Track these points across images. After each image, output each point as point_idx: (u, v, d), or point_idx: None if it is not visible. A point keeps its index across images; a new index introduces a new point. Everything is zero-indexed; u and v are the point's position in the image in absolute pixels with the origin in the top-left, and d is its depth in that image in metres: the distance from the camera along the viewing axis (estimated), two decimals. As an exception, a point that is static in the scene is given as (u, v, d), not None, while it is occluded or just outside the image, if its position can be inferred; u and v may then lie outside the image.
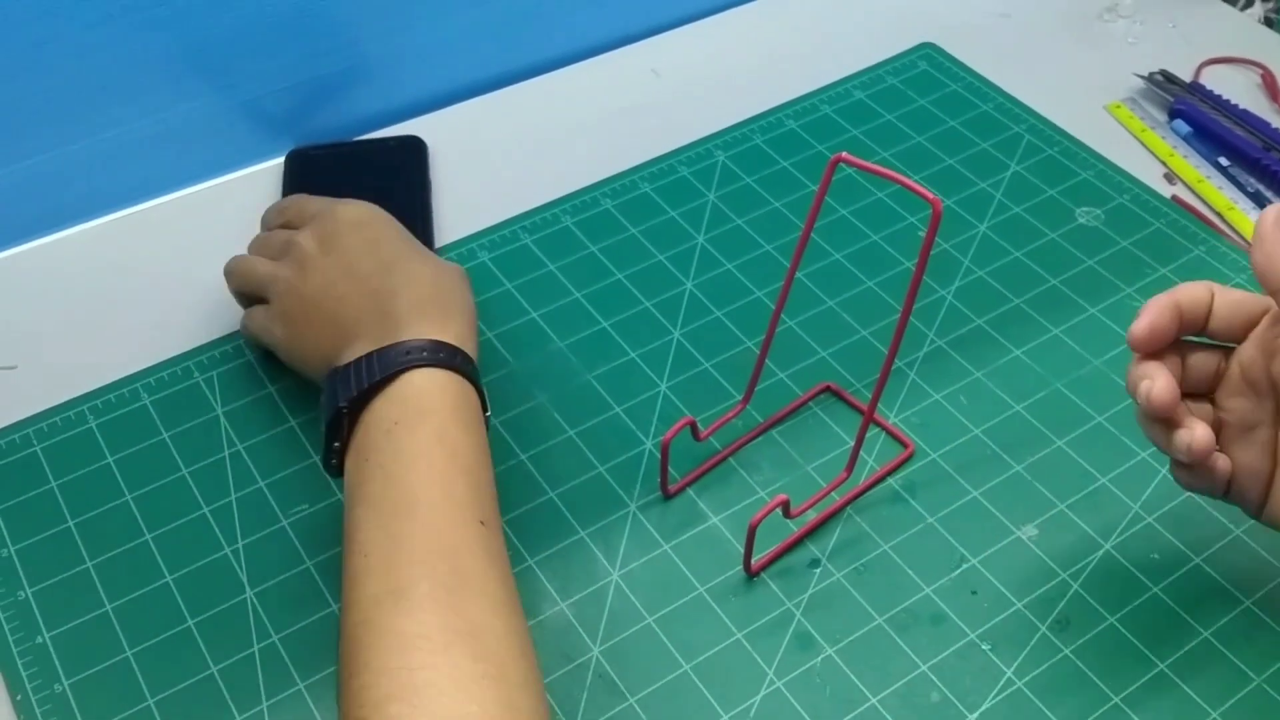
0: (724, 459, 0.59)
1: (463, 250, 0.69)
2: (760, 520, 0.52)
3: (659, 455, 0.57)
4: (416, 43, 0.78)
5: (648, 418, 0.61)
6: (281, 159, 0.75)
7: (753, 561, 0.54)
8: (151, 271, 0.69)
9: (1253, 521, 0.55)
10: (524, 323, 0.65)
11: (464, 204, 0.72)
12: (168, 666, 0.52)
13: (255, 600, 0.54)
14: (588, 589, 0.54)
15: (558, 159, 0.76)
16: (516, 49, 0.82)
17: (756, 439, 0.60)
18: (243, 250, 0.64)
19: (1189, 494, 0.57)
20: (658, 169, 0.75)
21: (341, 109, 0.77)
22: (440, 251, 0.69)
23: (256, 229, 0.71)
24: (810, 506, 0.56)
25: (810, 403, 0.61)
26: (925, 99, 0.79)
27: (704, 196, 0.73)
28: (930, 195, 0.49)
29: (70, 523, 0.57)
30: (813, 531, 0.56)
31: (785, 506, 0.53)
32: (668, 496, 0.57)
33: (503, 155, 0.76)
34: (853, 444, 0.56)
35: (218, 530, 0.56)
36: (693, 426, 0.56)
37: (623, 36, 0.85)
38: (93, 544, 0.56)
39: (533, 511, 0.57)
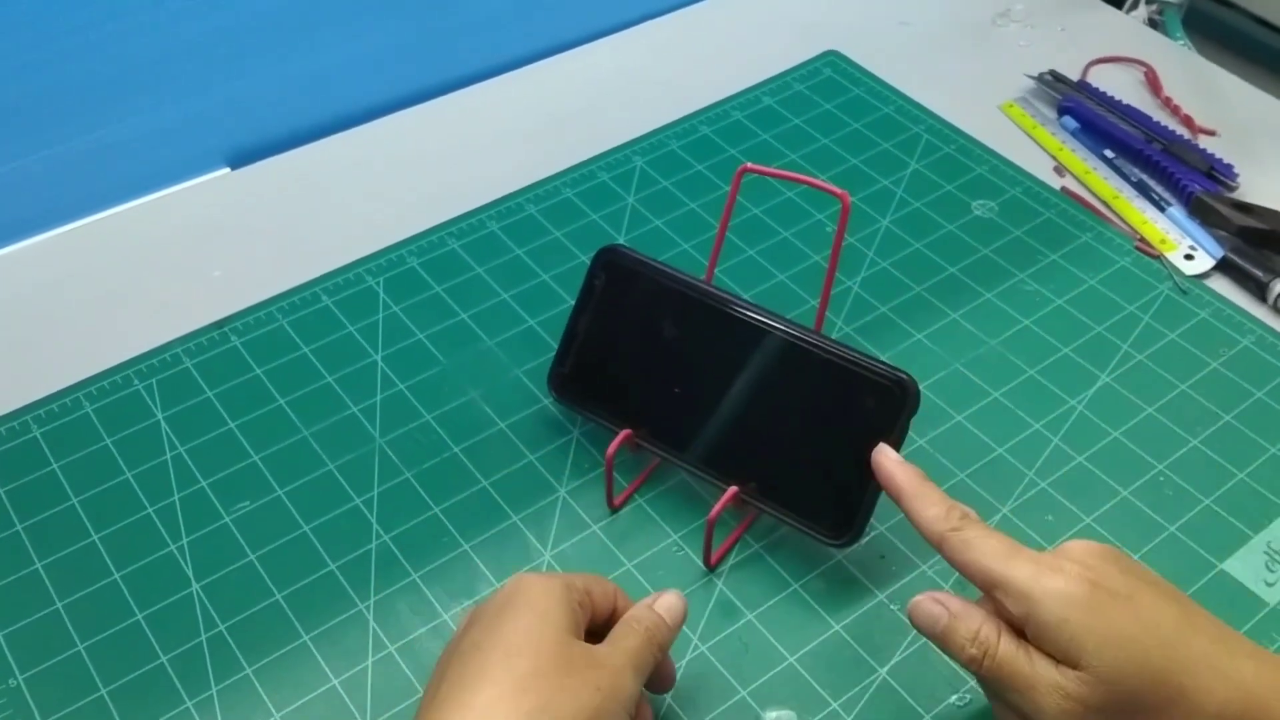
0: (658, 464, 0.61)
1: (393, 256, 0.72)
2: (718, 514, 0.55)
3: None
4: (345, 57, 0.80)
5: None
6: (219, 172, 0.78)
7: (710, 555, 0.57)
8: (90, 284, 0.71)
9: (1140, 484, 0.60)
10: (454, 323, 0.68)
11: (393, 211, 0.75)
12: (119, 658, 0.54)
13: (201, 593, 0.56)
14: (521, 569, 0.57)
15: (483, 166, 0.79)
16: (441, 63, 0.85)
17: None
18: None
19: (1079, 460, 0.61)
20: (579, 174, 0.78)
21: (275, 123, 0.80)
22: (372, 258, 0.72)
23: (193, 242, 0.74)
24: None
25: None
26: (830, 103, 0.83)
27: (624, 200, 0.76)
28: (837, 190, 0.54)
29: (19, 526, 0.58)
30: (756, 519, 0.59)
31: (737, 498, 0.56)
32: (614, 510, 0.60)
33: (431, 163, 0.79)
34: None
35: (162, 529, 0.58)
36: (631, 439, 0.58)
37: (544, 49, 0.88)
38: (41, 546, 0.58)
39: (467, 500, 0.60)
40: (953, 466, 0.61)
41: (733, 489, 0.56)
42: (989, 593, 0.46)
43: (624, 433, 0.58)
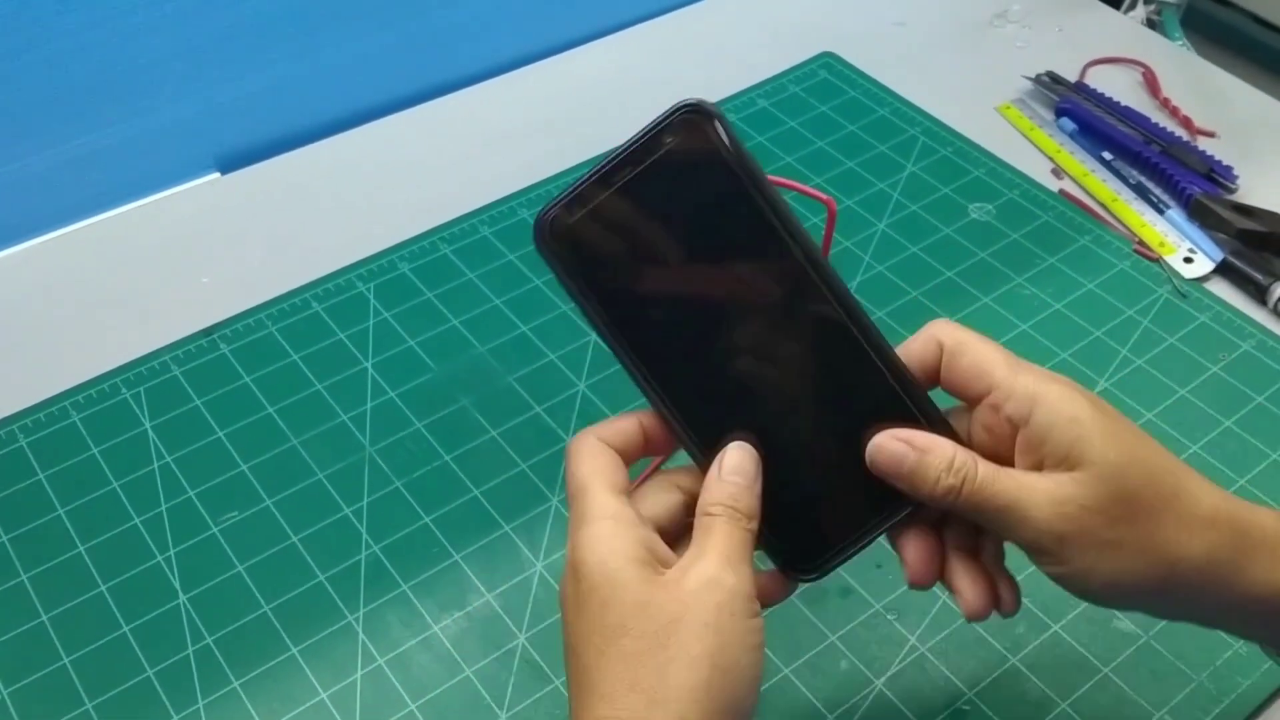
0: (655, 468, 0.60)
1: (383, 261, 0.71)
2: None
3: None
4: (337, 61, 0.80)
5: (567, 416, 0.63)
6: (208, 177, 0.77)
7: None
8: (78, 291, 0.70)
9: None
10: (445, 330, 0.68)
11: (384, 216, 0.74)
12: (105, 671, 0.53)
13: (188, 604, 0.55)
14: (512, 580, 0.56)
15: (475, 171, 0.78)
16: (432, 67, 0.84)
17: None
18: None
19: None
20: (573, 178, 0.77)
21: (265, 127, 0.79)
22: (363, 264, 0.71)
23: (182, 247, 0.73)
24: None
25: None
26: (825, 105, 0.82)
27: (617, 204, 0.75)
28: (823, 196, 0.49)
29: (4, 538, 0.58)
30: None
31: None
32: None
33: (422, 168, 0.79)
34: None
35: (149, 539, 0.58)
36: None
37: (536, 52, 0.87)
38: (27, 558, 0.57)
39: (458, 509, 0.59)
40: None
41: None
42: (982, 400, 0.42)
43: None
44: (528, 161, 0.78)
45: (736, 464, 0.43)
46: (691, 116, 0.43)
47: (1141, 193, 0.76)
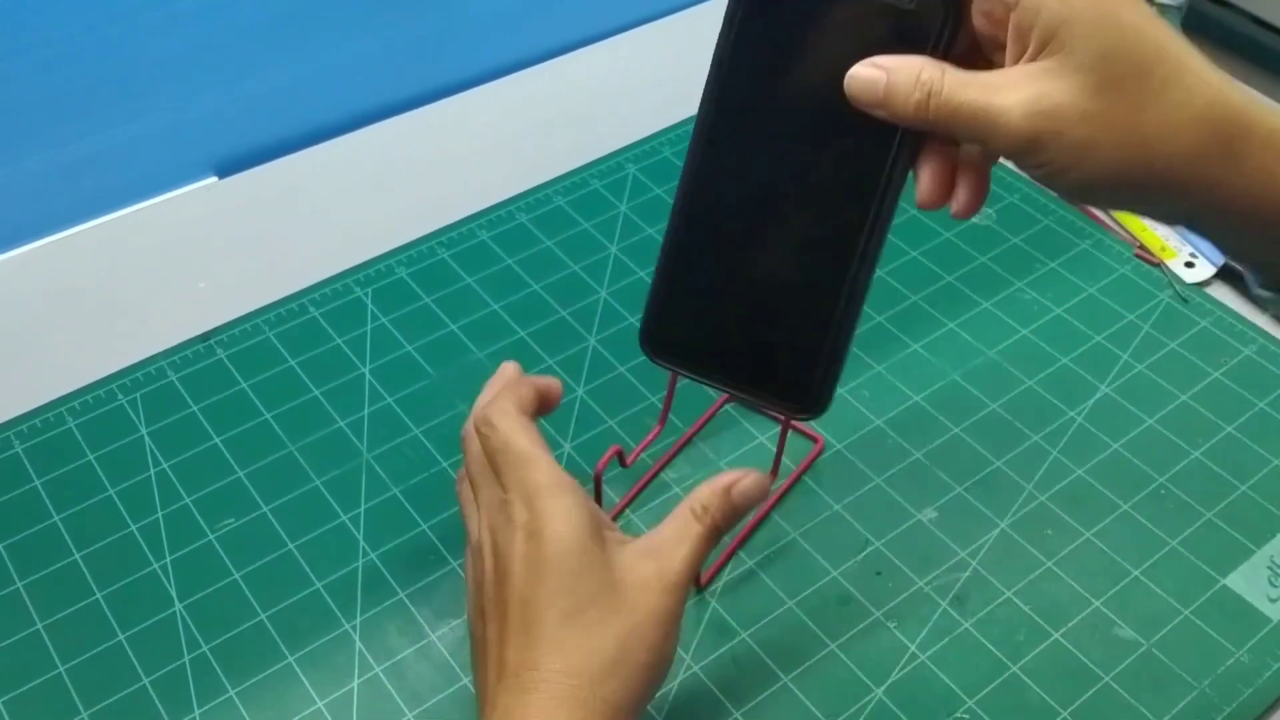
0: (653, 476, 0.60)
1: (381, 266, 0.71)
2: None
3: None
4: (334, 64, 0.79)
5: (566, 422, 0.63)
6: (205, 181, 0.77)
7: (701, 574, 0.56)
8: (74, 297, 0.70)
9: (1141, 497, 0.59)
10: (444, 335, 0.67)
11: (382, 221, 0.74)
12: (101, 680, 0.53)
13: (184, 612, 0.55)
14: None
15: (473, 174, 0.78)
16: (431, 70, 0.84)
17: (680, 451, 0.62)
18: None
19: (1079, 473, 0.60)
20: (571, 182, 0.77)
21: (262, 131, 0.79)
22: (361, 268, 0.71)
23: (179, 252, 0.73)
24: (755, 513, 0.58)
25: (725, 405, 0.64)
26: (826, 108, 0.82)
27: (616, 208, 0.75)
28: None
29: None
30: (748, 536, 0.58)
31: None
32: None
33: (420, 172, 0.78)
34: (775, 448, 0.58)
35: (145, 547, 0.57)
36: (619, 454, 0.55)
37: (534, 56, 0.87)
38: (22, 565, 0.57)
39: (455, 517, 0.58)
40: (950, 480, 0.60)
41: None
42: None
43: (613, 448, 0.57)
44: (526, 165, 0.78)
45: (749, 492, 0.46)
46: (932, 8, 0.41)
47: (1142, 197, 0.75)
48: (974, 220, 0.74)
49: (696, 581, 0.56)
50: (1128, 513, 0.59)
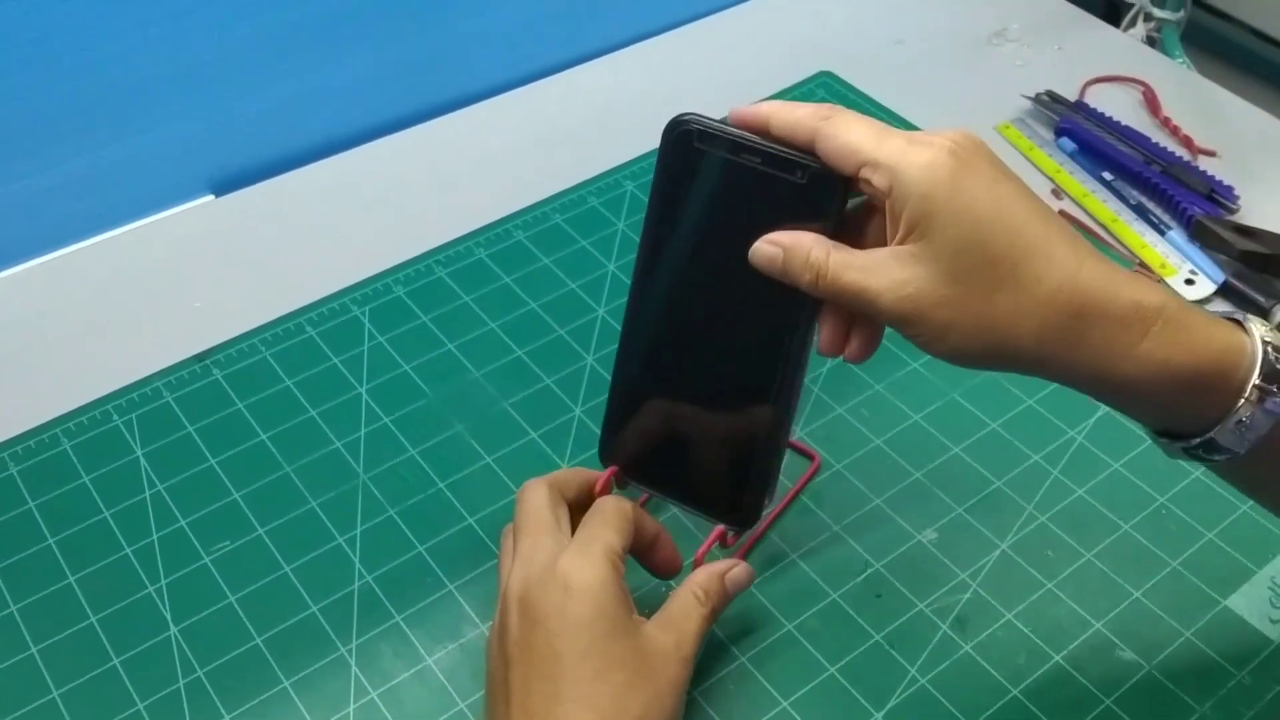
0: (650, 498, 0.60)
1: (378, 285, 0.71)
2: (704, 553, 0.53)
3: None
4: (331, 82, 0.79)
5: (563, 441, 0.63)
6: (202, 199, 0.77)
7: None
8: (69, 316, 0.70)
9: (1141, 517, 0.59)
10: (440, 354, 0.67)
11: (379, 239, 0.74)
12: (94, 705, 0.52)
13: (179, 636, 0.55)
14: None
15: (470, 192, 0.77)
16: (427, 87, 0.84)
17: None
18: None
19: (1079, 493, 0.60)
20: (568, 200, 0.77)
21: (259, 149, 0.79)
22: (357, 287, 0.71)
23: (174, 271, 0.73)
24: (748, 535, 0.58)
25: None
26: (824, 125, 0.82)
27: (614, 225, 0.75)
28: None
29: (-8, 569, 0.57)
30: (746, 554, 0.58)
31: (723, 537, 0.54)
32: None
33: (417, 189, 0.78)
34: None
35: (140, 569, 0.57)
36: (616, 475, 0.55)
37: (531, 73, 0.87)
38: (16, 589, 0.56)
39: (452, 538, 0.58)
40: (950, 500, 0.60)
41: (719, 528, 0.54)
42: (858, 177, 0.44)
43: (610, 469, 0.56)
44: (523, 183, 0.78)
45: (739, 580, 0.52)
46: (827, 183, 0.47)
47: (1142, 213, 0.75)
48: (973, 237, 0.74)
49: None
50: (1128, 533, 0.58)
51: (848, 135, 0.44)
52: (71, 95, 0.70)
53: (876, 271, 0.44)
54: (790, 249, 0.46)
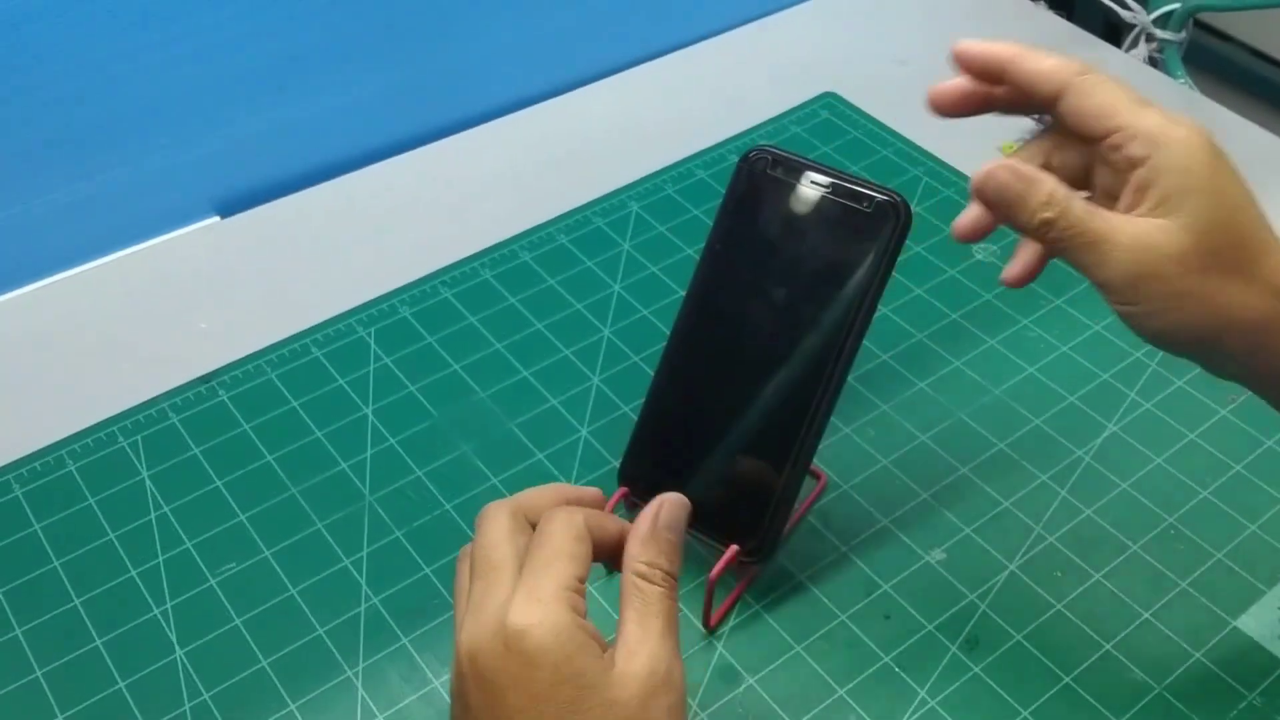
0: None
1: (384, 306, 0.71)
2: (719, 574, 0.53)
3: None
4: (336, 104, 0.80)
5: (570, 462, 0.62)
6: (207, 221, 0.77)
7: (709, 617, 0.55)
8: (75, 338, 0.70)
9: (1149, 537, 0.59)
10: (446, 375, 0.67)
11: (385, 260, 0.74)
12: (99, 729, 0.52)
13: (185, 659, 0.54)
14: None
15: (476, 213, 0.78)
16: (432, 109, 0.84)
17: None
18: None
19: (1087, 514, 0.60)
20: (573, 220, 0.77)
21: (264, 170, 0.79)
22: (363, 308, 0.71)
23: (180, 293, 0.73)
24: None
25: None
26: (828, 146, 0.82)
27: (619, 246, 0.75)
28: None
29: (-3, 591, 0.57)
30: (757, 575, 0.58)
31: (736, 557, 0.54)
32: (610, 571, 0.57)
33: (423, 211, 0.78)
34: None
35: (146, 592, 0.57)
36: (626, 496, 0.56)
37: (536, 94, 0.87)
38: (21, 611, 0.56)
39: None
40: (958, 521, 0.59)
41: (733, 548, 0.54)
42: (1108, 138, 0.44)
43: (620, 490, 0.56)
44: (528, 204, 0.78)
45: (672, 519, 0.44)
46: (897, 212, 0.52)
47: (1146, 232, 0.75)
48: (979, 257, 0.74)
49: (706, 624, 0.55)
50: (1137, 553, 0.58)
51: (1105, 95, 0.44)
52: (78, 118, 0.70)
53: (1121, 229, 0.43)
54: (1033, 181, 0.44)
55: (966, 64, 0.49)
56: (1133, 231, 0.43)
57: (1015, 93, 0.48)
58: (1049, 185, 0.44)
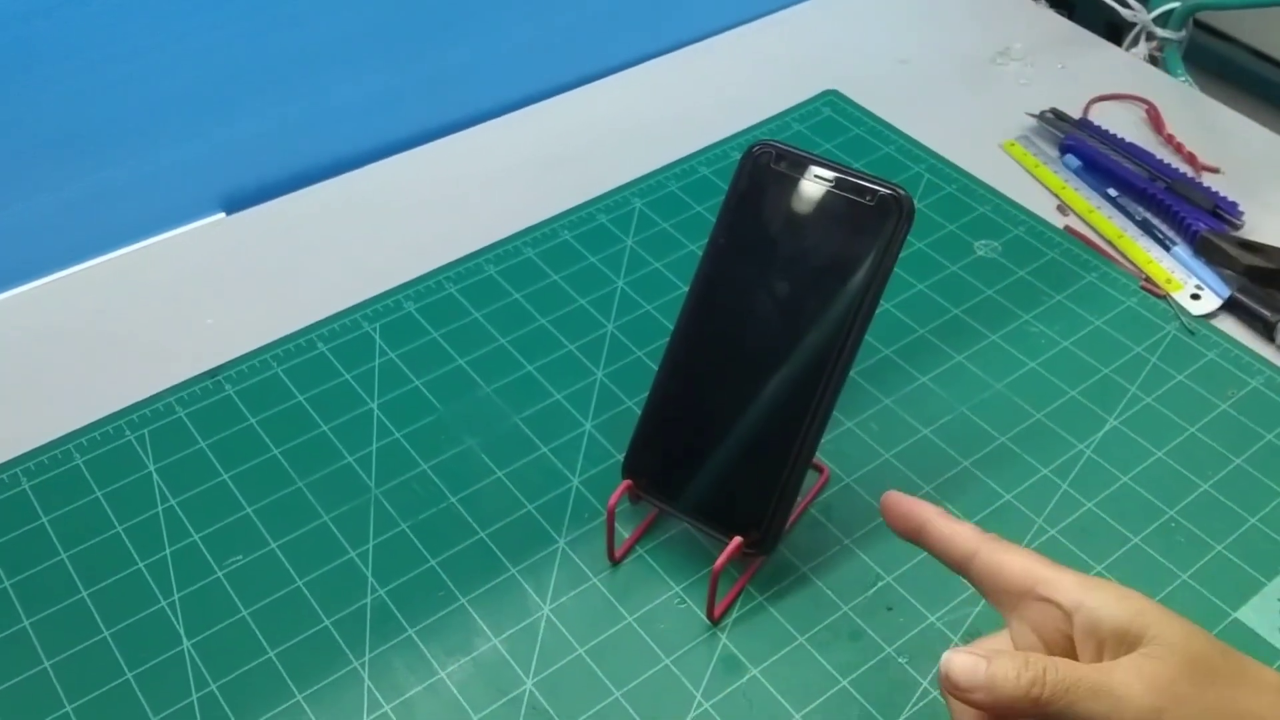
0: (661, 512, 0.60)
1: (389, 301, 0.71)
2: (723, 565, 0.54)
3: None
4: (342, 101, 0.80)
5: (574, 456, 0.63)
6: (213, 217, 0.77)
7: (714, 609, 0.56)
8: (81, 333, 0.70)
9: (1150, 530, 0.59)
10: (451, 369, 0.67)
11: (389, 256, 0.74)
12: (108, 719, 0.52)
13: (192, 650, 0.55)
14: (519, 624, 0.56)
15: (480, 210, 0.78)
16: (438, 107, 0.84)
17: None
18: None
19: (1088, 506, 0.60)
20: (577, 217, 0.77)
21: (270, 167, 0.79)
22: (369, 304, 0.71)
23: (187, 289, 0.73)
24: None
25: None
26: (830, 143, 0.82)
27: (623, 242, 0.75)
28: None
29: (6, 583, 0.57)
30: (760, 567, 0.58)
31: (740, 549, 0.55)
32: (614, 563, 0.58)
33: (427, 207, 0.79)
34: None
35: (153, 584, 0.57)
36: (630, 489, 0.57)
37: (540, 92, 0.88)
38: (29, 603, 0.57)
39: (463, 552, 0.59)
40: (960, 513, 0.59)
41: (737, 540, 0.54)
42: (1029, 593, 0.43)
43: (624, 483, 0.57)
44: (532, 200, 0.78)
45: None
46: (900, 205, 0.53)
47: (1147, 229, 0.76)
48: (980, 253, 0.74)
49: (710, 615, 0.55)
50: (1138, 546, 0.59)
51: (1019, 555, 0.44)
52: (85, 115, 0.70)
53: (1114, 669, 0.40)
54: (999, 654, 0.41)
55: (888, 518, 0.48)
56: (1128, 666, 0.40)
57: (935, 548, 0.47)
58: (1019, 652, 0.42)
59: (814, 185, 0.54)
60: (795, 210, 0.55)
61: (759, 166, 0.56)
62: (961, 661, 0.41)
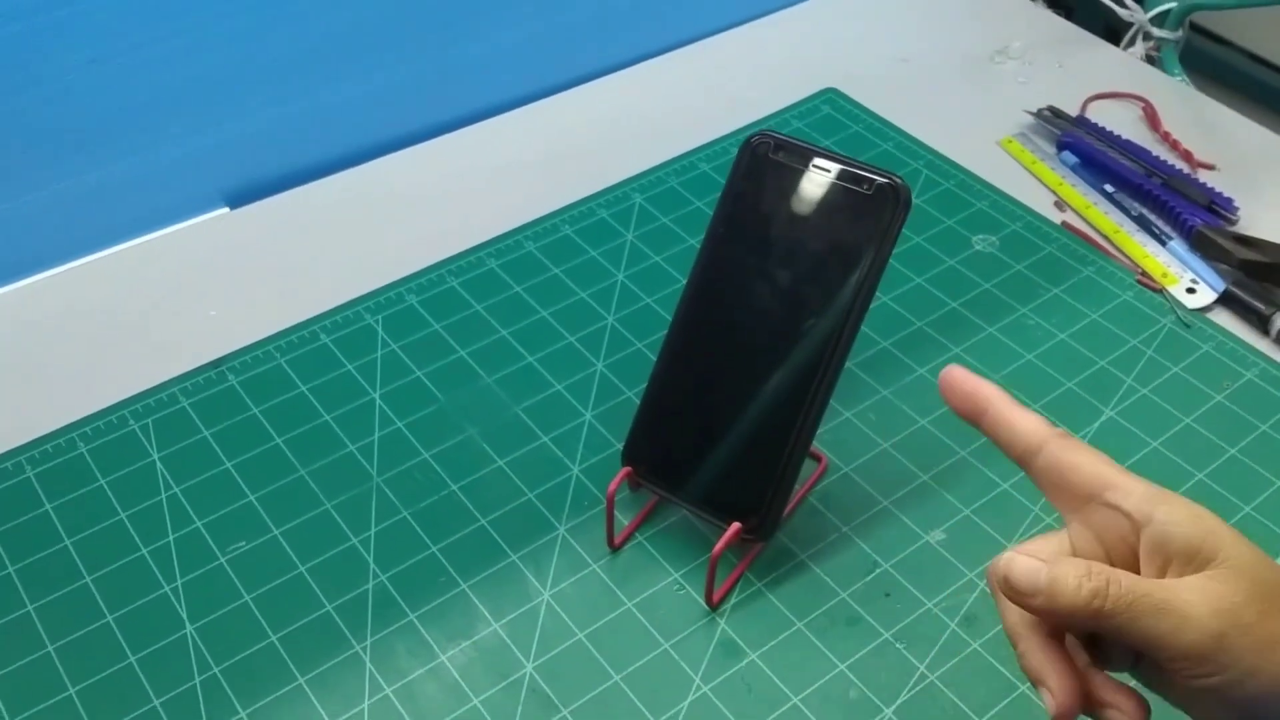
0: (660, 499, 0.60)
1: (391, 294, 0.72)
2: (721, 551, 0.54)
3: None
4: (345, 97, 0.81)
5: (574, 445, 0.63)
6: (217, 212, 0.78)
7: (712, 594, 0.56)
8: (86, 324, 0.71)
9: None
10: (453, 361, 0.68)
11: (392, 250, 0.75)
12: (111, 702, 0.53)
13: (195, 634, 0.55)
14: (520, 609, 0.56)
15: (482, 204, 0.79)
16: (440, 102, 0.85)
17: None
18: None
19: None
20: (578, 211, 0.78)
21: (273, 162, 0.80)
22: (371, 296, 0.72)
23: (191, 281, 0.74)
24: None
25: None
26: (829, 140, 0.83)
27: (623, 236, 0.76)
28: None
29: (10, 569, 0.58)
30: (758, 553, 0.58)
31: (738, 535, 0.55)
32: (614, 549, 0.59)
33: (430, 202, 0.79)
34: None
35: (156, 570, 0.58)
36: (630, 477, 0.58)
37: (542, 89, 0.88)
38: (33, 588, 0.57)
39: (465, 539, 0.59)
40: (957, 502, 0.60)
41: (735, 526, 0.55)
42: (1096, 497, 0.41)
43: (623, 471, 0.57)
44: (533, 196, 0.79)
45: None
46: (897, 194, 0.53)
47: (1143, 224, 0.76)
48: (978, 248, 0.75)
49: (708, 601, 0.56)
50: (1134, 535, 0.59)
51: (1089, 455, 0.42)
52: (90, 108, 0.71)
53: (1179, 586, 0.38)
54: (1060, 560, 0.39)
55: (949, 395, 0.45)
56: (1192, 585, 0.38)
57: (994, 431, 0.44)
58: (1078, 564, 0.39)
59: (812, 175, 0.55)
60: (793, 200, 0.55)
61: (757, 157, 0.56)
62: (1024, 564, 0.39)
